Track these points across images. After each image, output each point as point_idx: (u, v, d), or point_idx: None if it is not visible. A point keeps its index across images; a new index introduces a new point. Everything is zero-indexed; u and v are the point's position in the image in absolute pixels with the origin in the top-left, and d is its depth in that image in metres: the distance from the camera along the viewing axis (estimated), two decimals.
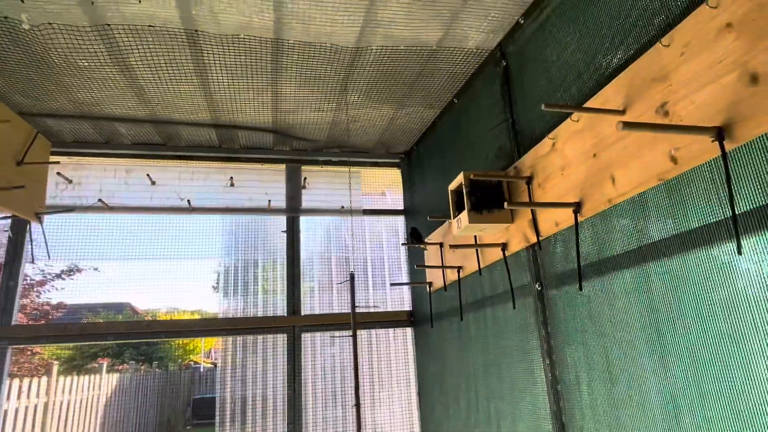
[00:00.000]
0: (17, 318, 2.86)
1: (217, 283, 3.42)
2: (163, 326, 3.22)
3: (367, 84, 2.52)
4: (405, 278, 3.48)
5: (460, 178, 2.01)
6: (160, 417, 12.60)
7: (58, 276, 8.14)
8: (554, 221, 1.72)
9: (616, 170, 1.41)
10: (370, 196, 3.66)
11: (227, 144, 3.20)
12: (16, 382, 6.20)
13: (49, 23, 1.91)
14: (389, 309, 3.39)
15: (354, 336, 2.61)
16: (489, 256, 2.21)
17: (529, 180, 1.86)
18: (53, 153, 2.89)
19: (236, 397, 3.13)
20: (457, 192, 2.09)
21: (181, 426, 14.49)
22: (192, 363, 17.12)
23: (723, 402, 1.11)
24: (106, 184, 3.10)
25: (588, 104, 1.53)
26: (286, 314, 3.17)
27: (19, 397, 6.08)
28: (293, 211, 3.33)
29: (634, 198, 1.38)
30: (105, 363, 11.21)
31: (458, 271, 2.49)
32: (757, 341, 1.03)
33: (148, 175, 3.11)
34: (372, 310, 3.27)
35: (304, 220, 3.37)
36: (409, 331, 3.38)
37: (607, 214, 1.49)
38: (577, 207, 1.58)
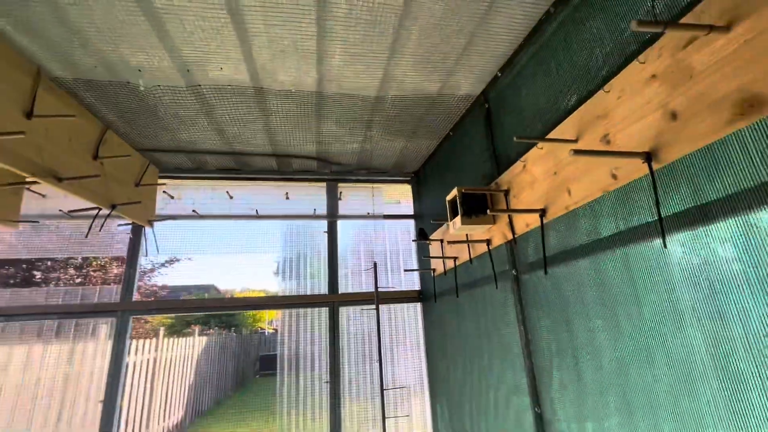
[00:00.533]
0: (135, 296, 2.98)
1: (277, 270, 3.48)
2: (240, 302, 3.30)
3: (385, 122, 2.55)
4: (415, 266, 3.49)
5: (455, 192, 2.03)
6: (236, 369, 12.81)
7: (163, 265, 8.39)
8: (525, 223, 1.72)
9: (571, 184, 1.41)
10: (392, 204, 3.69)
11: (283, 168, 3.27)
12: (134, 342, 6.42)
13: (158, 85, 2.00)
14: (403, 289, 3.40)
15: (377, 309, 2.63)
16: (477, 249, 2.21)
17: (507, 192, 1.87)
18: (160, 177, 3.00)
19: (292, 354, 3.19)
20: (453, 202, 2.10)
21: (251, 375, 14.69)
22: (259, 329, 17.40)
23: (662, 361, 1.10)
24: (197, 198, 3.21)
25: (549, 136, 1.54)
26: (327, 293, 3.21)
27: (136, 353, 6.29)
28: (332, 217, 3.38)
29: (586, 205, 1.38)
30: (197, 329, 11.47)
31: (454, 261, 2.50)
32: (688, 311, 1.02)
33: (227, 191, 3.21)
34: (390, 289, 3.28)
35: (340, 224, 3.41)
36: (418, 305, 3.38)
37: (567, 217, 1.49)
38: (543, 212, 1.58)
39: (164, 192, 3.06)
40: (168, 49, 1.74)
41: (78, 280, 6.86)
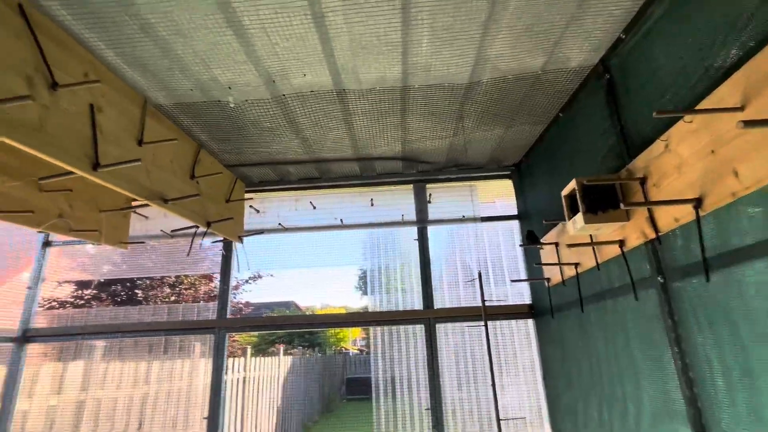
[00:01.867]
0: (229, 313, 3.39)
1: (364, 284, 3.67)
2: (331, 318, 3.54)
3: (478, 111, 2.55)
4: (522, 275, 3.38)
5: (572, 184, 1.94)
6: (322, 391, 13.58)
7: (247, 282, 9.35)
8: (673, 217, 1.57)
9: (739, 165, 1.26)
10: (485, 204, 3.64)
11: (366, 172, 3.44)
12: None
13: (246, 100, 2.29)
14: (511, 303, 3.31)
15: (485, 326, 2.62)
16: (606, 253, 2.07)
17: (643, 180, 1.73)
18: (246, 191, 3.40)
19: (387, 377, 3.32)
20: (571, 196, 2.01)
21: (338, 399, 15.45)
22: (343, 349, 18.27)
23: None
24: (281, 211, 3.55)
25: (701, 105, 1.39)
26: (422, 308, 3.28)
27: (227, 372, 7.10)
28: (422, 222, 3.45)
29: (762, 190, 1.22)
30: (281, 348, 12.50)
31: (576, 267, 2.37)
32: None
33: (311, 202, 3.49)
34: (498, 303, 3.22)
35: (431, 229, 3.47)
36: (530, 322, 3.26)
37: (732, 207, 1.33)
38: (698, 202, 1.43)
39: (250, 206, 3.45)
40: (254, 63, 1.99)
41: (173, 298, 8.03)
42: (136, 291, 7.56)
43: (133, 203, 3.42)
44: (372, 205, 3.51)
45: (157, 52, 1.86)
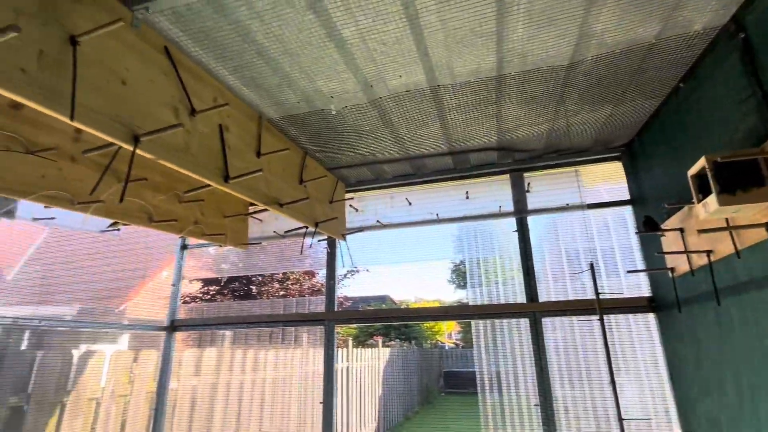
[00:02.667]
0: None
1: (457, 277, 3.67)
2: (436, 311, 3.60)
3: (581, 91, 2.39)
4: (637, 265, 3.09)
5: (702, 162, 1.73)
6: (420, 383, 13.79)
7: (345, 276, 9.84)
8: None
9: None
10: (589, 190, 3.39)
11: (460, 165, 3.43)
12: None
13: (345, 107, 2.44)
14: (626, 295, 3.06)
15: (601, 320, 2.46)
16: (747, 238, 1.82)
17: None
18: (346, 192, 3.60)
19: (491, 371, 3.29)
20: (699, 176, 1.80)
21: (436, 392, 15.56)
22: (438, 342, 18.34)
23: None
24: (378, 208, 3.69)
25: None
26: (525, 301, 3.18)
27: (336, 362, 7.60)
28: (521, 212, 3.34)
29: None
30: (380, 340, 12.98)
31: (708, 255, 2.11)
32: None
33: (406, 198, 3.59)
34: (614, 296, 3.00)
35: (531, 220, 3.34)
36: (650, 316, 2.98)
37: None
38: None
39: (350, 206, 3.65)
40: (353, 71, 2.11)
41: (281, 292, 8.80)
42: (251, 287, 8.42)
43: (250, 209, 3.83)
44: (467, 197, 3.49)
45: (269, 71, 2.07)
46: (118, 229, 3.21)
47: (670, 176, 2.47)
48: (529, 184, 3.36)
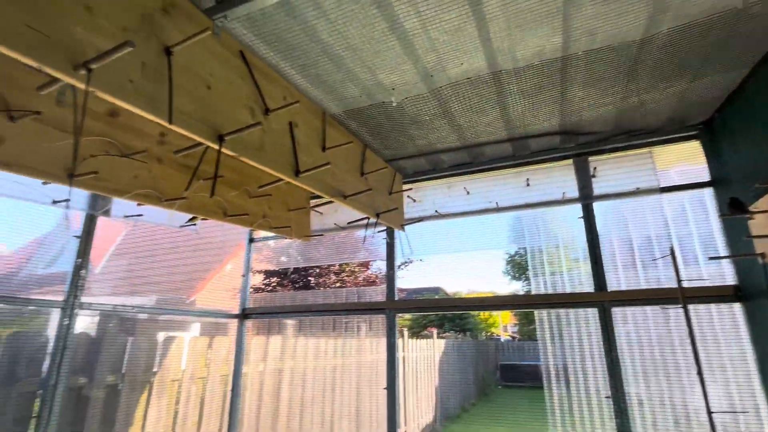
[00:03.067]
0: (381, 297, 3.70)
1: (512, 268, 3.59)
2: (493, 301, 3.57)
3: (654, 67, 2.26)
4: (719, 252, 2.87)
5: None
6: (476, 375, 13.68)
7: (399, 267, 9.91)
8: None
9: None
10: (661, 172, 3.19)
11: (520, 152, 3.35)
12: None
13: (405, 98, 2.47)
14: (708, 284, 2.86)
15: (685, 309, 2.33)
16: None
17: None
18: (403, 183, 3.65)
19: (558, 363, 3.22)
20: None
21: (493, 385, 15.36)
22: (494, 335, 18.06)
23: None
24: (436, 198, 3.71)
25: None
26: (593, 290, 3.07)
27: (397, 350, 7.75)
28: (586, 198, 3.21)
29: None
30: (434, 331, 13.02)
31: None
32: None
33: (464, 187, 3.57)
34: (697, 284, 2.82)
35: (597, 206, 3.20)
36: (736, 306, 2.77)
37: None
38: None
39: (408, 196, 3.69)
40: (414, 62, 2.14)
41: (337, 284, 9.07)
42: (309, 279, 8.76)
43: (311, 202, 3.99)
44: (527, 185, 3.41)
45: (333, 68, 2.15)
46: (195, 224, 3.48)
47: (760, 154, 2.27)
48: (595, 168, 3.22)
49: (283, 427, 4.34)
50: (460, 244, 3.66)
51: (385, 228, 3.72)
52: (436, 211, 3.61)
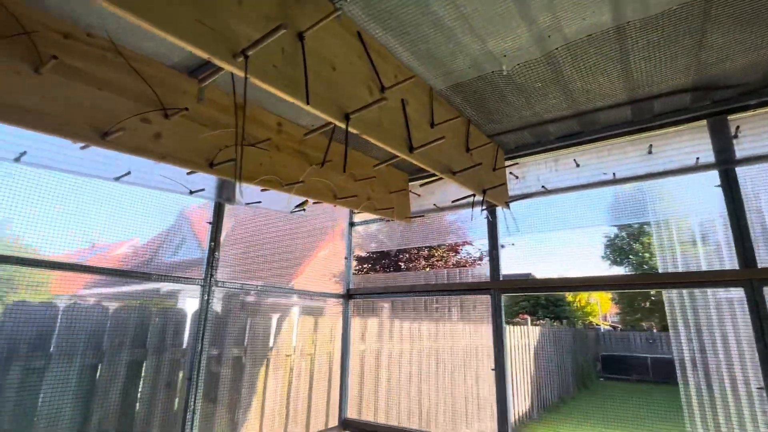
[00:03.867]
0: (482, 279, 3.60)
1: (612, 253, 3.27)
2: (608, 281, 3.30)
3: None
4: None
5: None
6: (575, 366, 12.94)
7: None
8: None
9: None
10: None
11: (640, 116, 3.04)
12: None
13: (517, 65, 2.36)
14: None
15: None
16: None
17: None
18: (505, 158, 3.51)
19: (692, 348, 2.90)
20: None
21: (594, 377, 14.42)
22: (593, 324, 16.86)
23: None
24: (540, 173, 3.52)
25: None
26: (738, 267, 2.70)
27: (504, 333, 7.63)
28: (726, 163, 2.81)
29: None
30: (528, 318, 12.53)
31: None
32: None
33: (574, 159, 3.34)
34: None
35: (741, 171, 2.79)
36: None
37: None
38: None
39: (510, 173, 3.55)
40: (528, 24, 2.03)
41: (427, 269, 9.12)
42: (399, 264, 8.92)
43: (410, 184, 4.03)
44: (650, 152, 3.08)
45: (442, 40, 2.12)
46: (304, 209, 3.71)
47: None
48: (737, 128, 2.80)
49: (385, 405, 4.50)
50: (565, 221, 3.45)
51: (486, 206, 3.62)
52: (543, 186, 3.43)
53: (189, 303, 3.46)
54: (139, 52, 2.07)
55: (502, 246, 3.73)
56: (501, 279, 3.56)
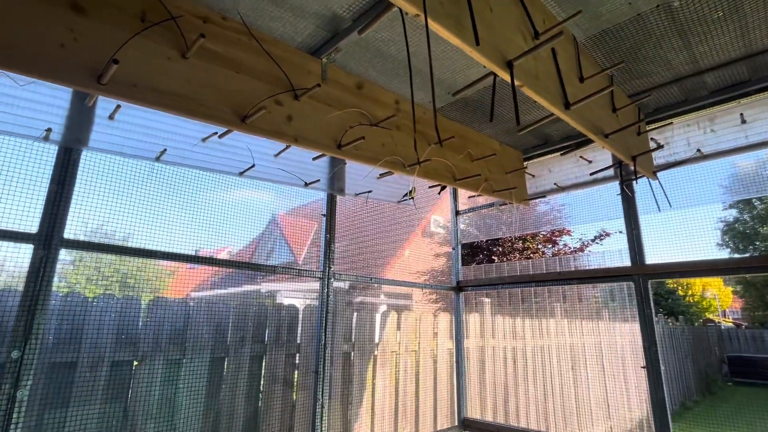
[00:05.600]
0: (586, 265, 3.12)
1: (752, 234, 2.59)
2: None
3: None
4: None
5: None
6: (696, 368, 11.44)
7: (593, 241, 8.76)
8: None
9: None
10: None
11: None
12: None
13: None
14: None
15: None
16: None
17: None
18: (647, 122, 3.03)
19: None
20: None
21: (719, 381, 12.68)
22: (712, 320, 14.83)
23: None
24: (690, 136, 2.98)
25: None
26: None
27: (657, 323, 6.92)
28: None
29: None
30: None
31: None
32: None
33: (740, 114, 2.77)
34: None
35: None
36: None
37: None
38: None
39: (652, 139, 3.06)
40: None
41: (524, 262, 8.55)
42: (492, 257, 8.46)
43: (525, 163, 3.67)
44: None
45: None
46: (413, 198, 3.52)
47: None
48: None
49: (504, 405, 4.16)
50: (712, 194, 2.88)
51: (636, 177, 3.12)
52: (698, 150, 2.89)
53: (293, 301, 3.44)
54: (268, 34, 2.01)
55: (601, 237, 3.25)
56: (645, 264, 3.07)
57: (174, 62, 1.64)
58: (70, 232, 1.93)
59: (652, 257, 3.10)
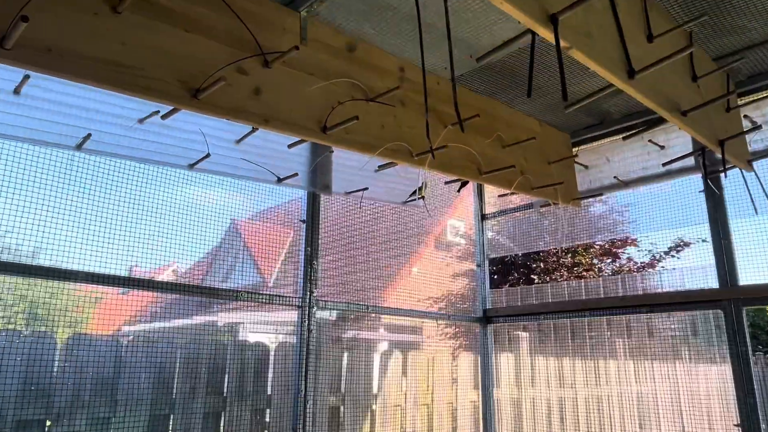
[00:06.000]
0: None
1: None
2: None
3: None
4: None
5: None
6: None
7: (667, 253, 8.76)
8: None
9: None
10: None
11: None
12: None
13: None
14: None
15: None
16: None
17: None
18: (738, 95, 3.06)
19: None
20: None
21: None
22: None
23: None
24: None
25: None
26: None
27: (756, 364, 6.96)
28: None
29: None
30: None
31: None
32: None
33: None
34: None
35: None
36: None
37: None
38: None
39: (745, 116, 3.08)
40: None
41: (573, 282, 8.58)
42: (532, 276, 8.50)
43: (574, 149, 3.71)
44: None
45: None
46: (423, 197, 3.55)
47: None
48: None
49: None
50: None
51: (724, 169, 3.14)
52: None
53: (260, 338, 3.44)
54: None
55: (669, 252, 3.28)
56: (738, 285, 3.10)
57: (102, 18, 1.65)
58: None
59: (747, 276, 3.12)
